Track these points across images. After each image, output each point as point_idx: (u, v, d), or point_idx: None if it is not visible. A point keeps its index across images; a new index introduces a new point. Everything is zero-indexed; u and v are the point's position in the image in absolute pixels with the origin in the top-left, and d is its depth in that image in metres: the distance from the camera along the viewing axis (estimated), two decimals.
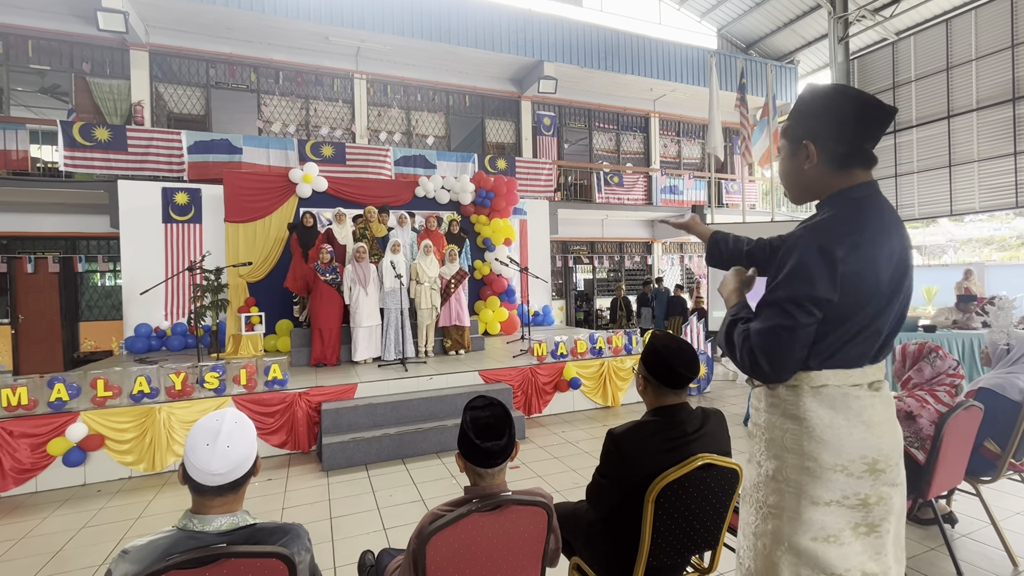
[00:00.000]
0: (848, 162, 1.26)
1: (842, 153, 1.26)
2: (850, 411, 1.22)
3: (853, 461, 1.21)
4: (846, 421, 1.22)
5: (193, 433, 1.22)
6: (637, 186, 12.02)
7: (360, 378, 5.18)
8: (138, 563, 1.10)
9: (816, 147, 1.27)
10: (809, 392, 1.24)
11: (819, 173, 1.29)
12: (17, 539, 3.24)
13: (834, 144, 1.26)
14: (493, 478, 1.43)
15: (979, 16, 9.88)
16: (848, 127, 1.24)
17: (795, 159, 1.32)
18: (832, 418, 1.22)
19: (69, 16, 8.27)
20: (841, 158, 1.26)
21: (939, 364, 2.59)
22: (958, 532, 2.96)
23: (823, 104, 1.27)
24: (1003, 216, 18.02)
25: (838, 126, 1.25)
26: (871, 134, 1.26)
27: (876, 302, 1.20)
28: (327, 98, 10.09)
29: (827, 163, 1.27)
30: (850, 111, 1.23)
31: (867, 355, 1.25)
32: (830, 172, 1.28)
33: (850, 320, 1.20)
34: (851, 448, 1.21)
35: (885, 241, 1.21)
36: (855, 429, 1.22)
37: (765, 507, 1.29)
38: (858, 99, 1.23)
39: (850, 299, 1.18)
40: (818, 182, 1.30)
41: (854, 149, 1.25)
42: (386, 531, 3.18)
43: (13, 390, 4.00)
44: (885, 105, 1.24)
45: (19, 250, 8.47)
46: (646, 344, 1.73)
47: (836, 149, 1.26)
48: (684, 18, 13.71)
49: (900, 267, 1.23)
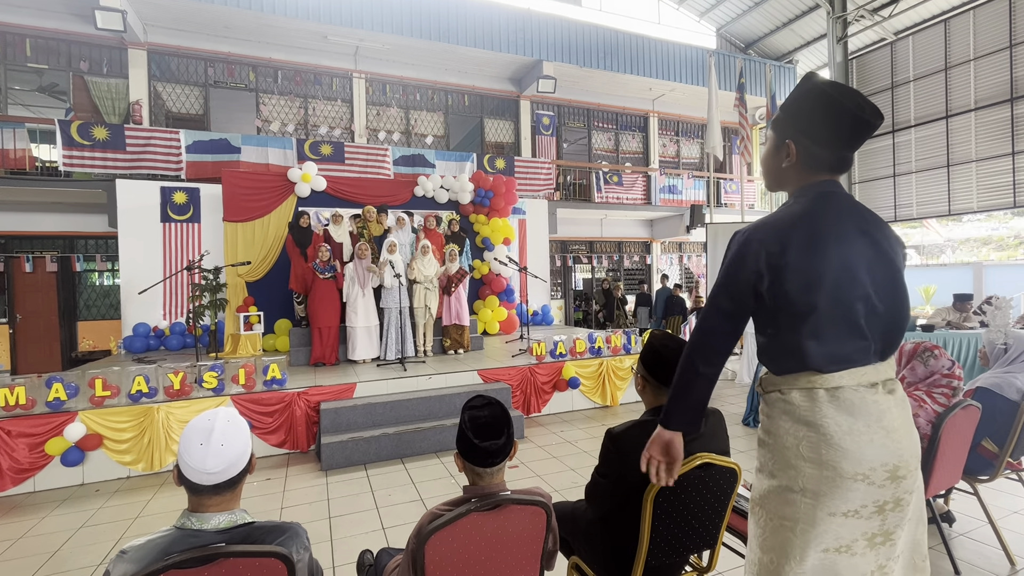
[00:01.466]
0: (823, 166, 1.29)
1: (821, 157, 1.28)
2: (869, 416, 1.19)
3: (875, 469, 1.16)
4: (865, 427, 1.18)
5: (186, 433, 1.22)
6: (636, 186, 12.02)
7: (359, 377, 5.18)
8: (137, 563, 1.09)
9: (797, 148, 1.29)
10: (825, 396, 1.20)
11: (794, 172, 1.32)
12: (15, 539, 3.23)
13: (815, 148, 1.27)
14: (492, 477, 1.43)
15: (977, 16, 9.89)
16: (832, 137, 1.26)
17: (776, 155, 1.35)
18: (851, 424, 1.18)
19: (67, 15, 8.25)
20: (819, 162, 1.28)
21: (933, 363, 2.57)
22: (956, 531, 2.97)
23: (814, 108, 1.27)
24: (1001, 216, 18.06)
25: (823, 132, 1.26)
26: (852, 143, 1.27)
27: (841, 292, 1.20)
28: (326, 97, 10.08)
29: (804, 164, 1.30)
30: (836, 119, 1.24)
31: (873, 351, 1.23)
32: (804, 172, 1.31)
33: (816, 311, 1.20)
34: (872, 455, 1.17)
35: (843, 232, 1.22)
36: (875, 435, 1.18)
37: (777, 519, 1.24)
38: (848, 111, 1.23)
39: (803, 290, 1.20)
40: (790, 179, 1.34)
41: (835, 156, 1.27)
42: (385, 531, 3.18)
43: (11, 390, 3.99)
44: (872, 123, 1.24)
45: (17, 249, 8.45)
46: (645, 344, 1.73)
47: (816, 153, 1.28)
48: (683, 18, 13.72)
49: (871, 260, 1.23)
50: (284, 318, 7.05)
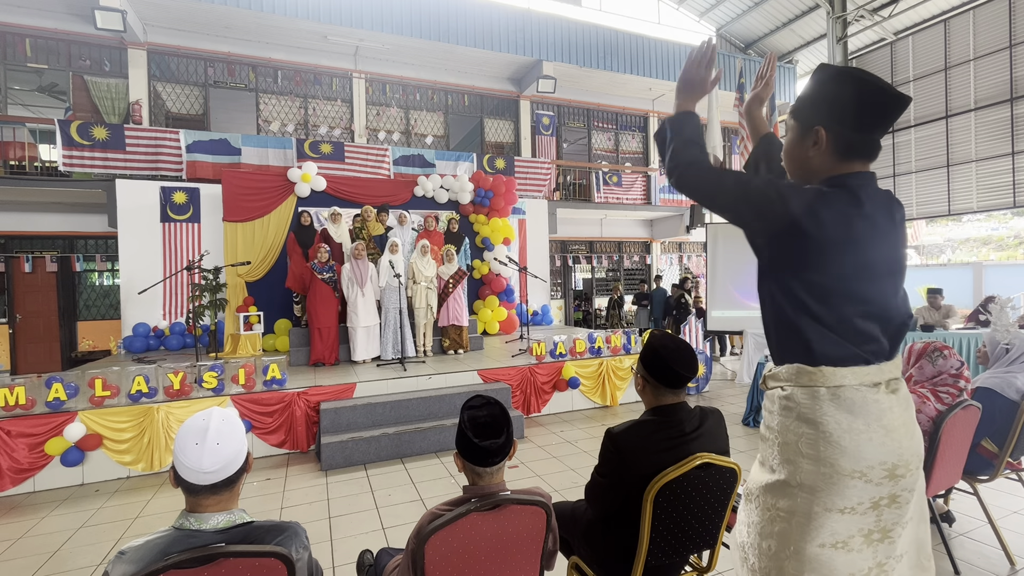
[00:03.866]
0: (855, 152, 1.25)
1: (853, 142, 1.24)
2: (869, 415, 1.19)
3: (872, 467, 1.17)
4: (865, 426, 1.18)
5: (181, 434, 1.21)
6: (636, 186, 12.02)
7: (359, 377, 5.18)
8: (135, 563, 1.09)
9: (828, 133, 1.25)
10: (826, 395, 1.20)
11: (824, 160, 1.27)
12: (15, 539, 3.23)
13: (847, 132, 1.24)
14: (492, 477, 1.43)
15: (977, 16, 9.90)
16: (864, 116, 1.22)
17: (803, 143, 1.30)
18: (850, 422, 1.18)
19: (67, 15, 8.24)
20: (850, 147, 1.24)
21: (941, 363, 2.57)
22: (956, 531, 2.97)
23: (839, 90, 1.24)
24: (1001, 216, 18.06)
25: (854, 114, 1.22)
26: (884, 123, 1.24)
27: (865, 278, 1.19)
28: (326, 97, 10.07)
29: (834, 150, 1.25)
30: (867, 99, 1.21)
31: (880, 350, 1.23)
32: (835, 160, 1.26)
33: (838, 292, 1.18)
34: (870, 454, 1.17)
35: (878, 221, 1.21)
36: (874, 434, 1.18)
37: (774, 510, 1.26)
38: (876, 88, 1.21)
39: (835, 268, 1.18)
40: (821, 168, 1.28)
41: (865, 139, 1.23)
42: (385, 531, 3.18)
43: (11, 390, 3.99)
44: (901, 95, 1.22)
45: (17, 249, 8.45)
46: (644, 344, 1.73)
47: (848, 137, 1.24)
48: (683, 17, 13.72)
49: (894, 253, 1.23)
50: (284, 318, 7.05)
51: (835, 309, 1.19)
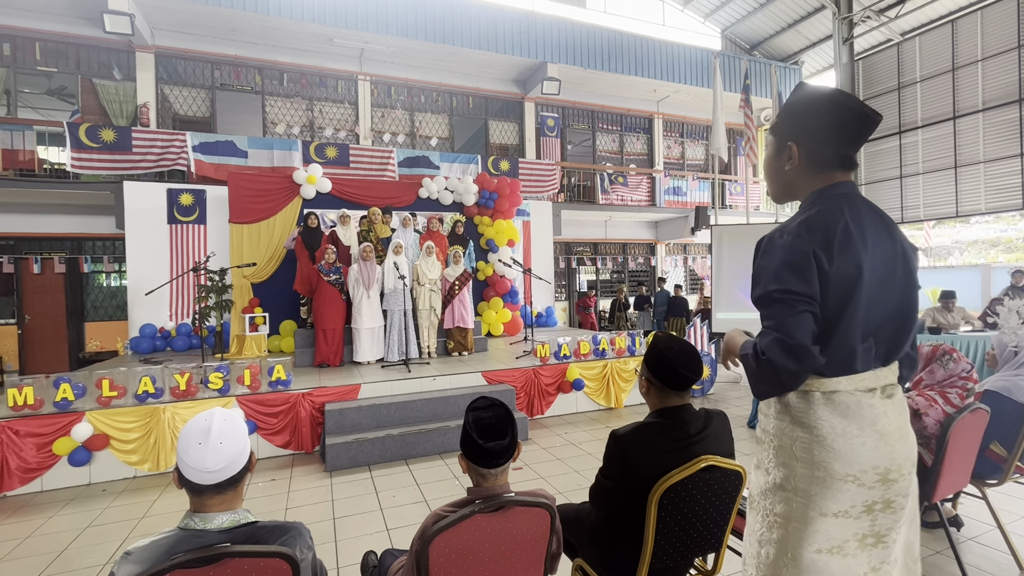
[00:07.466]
0: (828, 165, 1.28)
1: (823, 157, 1.27)
2: (863, 419, 1.19)
3: (865, 471, 1.18)
4: (859, 430, 1.19)
5: (184, 435, 1.22)
6: (641, 187, 12.01)
7: (363, 379, 5.19)
8: (141, 563, 1.10)
9: (799, 149, 1.29)
10: (821, 399, 1.21)
11: (799, 174, 1.31)
12: (22, 538, 3.26)
13: (817, 147, 1.27)
14: (496, 479, 1.43)
15: (985, 17, 9.83)
16: (833, 133, 1.25)
17: (778, 158, 1.34)
18: (844, 427, 1.19)
19: (76, 19, 8.33)
20: (822, 162, 1.27)
21: (952, 367, 2.56)
22: (964, 535, 2.94)
23: (811, 108, 1.27)
24: (1009, 218, 17.89)
25: (823, 131, 1.26)
26: (855, 142, 1.26)
27: (861, 297, 1.18)
28: (331, 99, 10.12)
29: (808, 165, 1.29)
30: (836, 118, 1.24)
31: (876, 356, 1.23)
32: (810, 174, 1.29)
33: (841, 317, 1.18)
34: (863, 458, 1.18)
35: (865, 235, 1.21)
36: (868, 438, 1.19)
37: (772, 515, 1.27)
38: (846, 106, 1.23)
39: (836, 297, 1.18)
40: (798, 183, 1.32)
41: (836, 154, 1.26)
42: (389, 532, 3.18)
43: (19, 390, 4.02)
44: (872, 116, 1.24)
45: (26, 251, 8.53)
46: (649, 346, 1.72)
47: (819, 152, 1.27)
48: (688, 19, 13.70)
49: (889, 262, 1.23)
50: (289, 319, 7.08)
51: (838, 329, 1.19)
